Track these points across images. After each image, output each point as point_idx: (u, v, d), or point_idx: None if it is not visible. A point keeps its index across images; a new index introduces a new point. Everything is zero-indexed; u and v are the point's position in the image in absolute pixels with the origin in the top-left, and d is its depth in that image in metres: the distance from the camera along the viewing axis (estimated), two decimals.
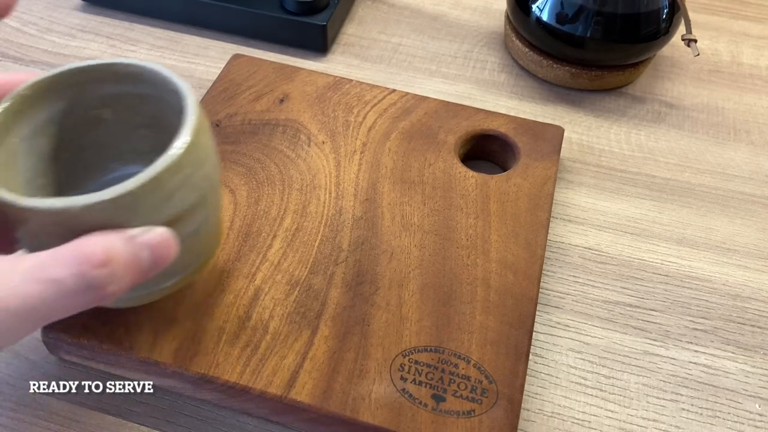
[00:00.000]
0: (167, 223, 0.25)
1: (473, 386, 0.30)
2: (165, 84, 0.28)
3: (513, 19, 0.50)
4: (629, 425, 0.32)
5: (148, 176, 0.23)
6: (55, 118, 0.29)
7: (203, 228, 0.28)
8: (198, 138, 0.25)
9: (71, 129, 0.30)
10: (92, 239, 0.22)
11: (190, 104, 0.26)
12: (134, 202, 0.23)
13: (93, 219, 0.23)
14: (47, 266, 0.21)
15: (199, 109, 0.26)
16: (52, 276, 0.21)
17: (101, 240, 0.22)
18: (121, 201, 0.23)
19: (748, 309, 0.37)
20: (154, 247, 0.24)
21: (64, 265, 0.21)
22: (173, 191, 0.25)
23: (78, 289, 0.22)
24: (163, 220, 0.25)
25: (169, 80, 0.27)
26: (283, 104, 0.42)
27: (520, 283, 0.34)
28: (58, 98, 0.28)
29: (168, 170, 0.24)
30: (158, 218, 0.25)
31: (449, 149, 0.40)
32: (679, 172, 0.44)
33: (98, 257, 0.22)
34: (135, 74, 0.28)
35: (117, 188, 0.23)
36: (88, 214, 0.23)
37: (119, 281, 0.23)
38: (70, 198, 0.22)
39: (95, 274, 0.22)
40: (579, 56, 0.47)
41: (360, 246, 0.35)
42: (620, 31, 0.45)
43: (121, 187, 0.23)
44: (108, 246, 0.22)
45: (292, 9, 0.49)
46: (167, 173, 0.24)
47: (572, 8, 0.45)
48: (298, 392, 0.29)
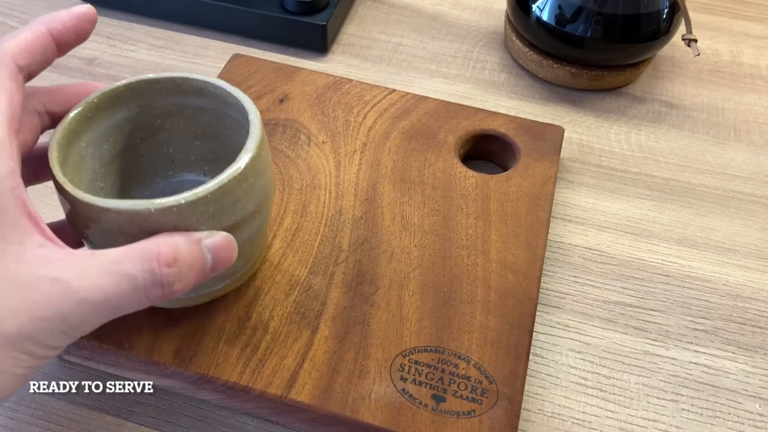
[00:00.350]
0: (228, 228, 0.27)
1: (473, 386, 0.30)
2: (225, 98, 0.30)
3: (513, 19, 0.50)
4: (629, 425, 0.32)
5: (218, 184, 0.25)
6: (119, 125, 0.31)
7: (257, 234, 0.30)
8: (260, 151, 0.27)
9: (133, 135, 0.32)
10: (162, 239, 0.24)
11: (254, 119, 0.28)
12: (204, 206, 0.25)
13: (165, 221, 0.25)
14: (122, 261, 0.23)
15: (261, 124, 0.28)
16: (127, 271, 0.23)
17: (171, 241, 0.24)
18: (192, 205, 0.25)
19: (748, 309, 0.37)
20: (217, 250, 0.26)
21: (137, 262, 0.23)
22: (237, 199, 0.27)
23: (148, 285, 0.23)
24: (226, 225, 0.27)
25: (232, 96, 0.29)
26: (283, 104, 0.42)
27: (520, 283, 0.34)
28: (124, 107, 0.30)
29: (235, 179, 0.26)
30: (222, 223, 0.26)
31: (449, 149, 0.40)
32: (679, 172, 0.44)
33: (167, 257, 0.23)
34: (199, 88, 0.30)
35: (189, 194, 0.25)
36: (162, 216, 0.24)
37: (184, 279, 0.24)
38: (146, 201, 0.24)
39: (164, 272, 0.23)
40: (579, 56, 0.47)
41: (360, 246, 0.35)
42: (620, 31, 0.45)
43: (192, 193, 0.25)
44: (176, 247, 0.24)
45: (292, 9, 0.49)
46: (234, 182, 0.26)
47: (572, 8, 0.45)
48: (298, 392, 0.29)
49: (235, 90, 0.29)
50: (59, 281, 0.22)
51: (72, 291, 0.22)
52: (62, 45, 0.26)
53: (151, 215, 0.24)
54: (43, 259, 0.22)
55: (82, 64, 0.49)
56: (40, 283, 0.22)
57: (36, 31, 0.25)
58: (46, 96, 0.28)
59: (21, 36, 0.25)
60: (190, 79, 0.30)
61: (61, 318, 0.22)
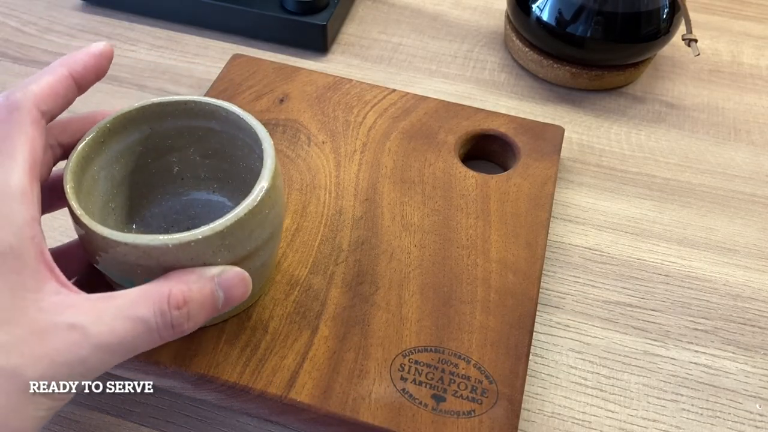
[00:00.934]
0: (244, 257, 0.27)
1: (473, 386, 0.30)
2: (237, 123, 0.30)
3: (513, 19, 0.50)
4: (629, 425, 0.32)
5: (234, 218, 0.26)
6: (131, 147, 0.31)
7: (269, 260, 0.30)
8: (275, 181, 0.28)
9: (144, 156, 0.32)
10: (174, 280, 0.25)
11: (268, 148, 0.28)
12: (220, 240, 0.26)
13: (181, 255, 0.25)
14: (136, 305, 0.24)
15: (274, 153, 0.28)
16: (140, 314, 0.24)
17: (182, 281, 0.25)
18: (208, 240, 0.25)
19: (748, 309, 0.37)
20: (230, 287, 0.26)
21: (150, 305, 0.24)
22: (252, 230, 0.27)
23: (159, 327, 0.24)
24: (241, 255, 0.27)
25: (244, 121, 0.30)
26: (283, 104, 0.42)
27: (521, 283, 0.34)
28: (136, 130, 0.31)
29: (251, 212, 0.26)
30: (238, 254, 0.27)
31: (449, 149, 0.40)
32: (679, 172, 0.44)
33: (177, 299, 0.24)
34: (211, 112, 0.31)
35: (206, 228, 0.25)
36: (178, 250, 0.25)
37: (195, 318, 0.25)
38: (164, 236, 0.25)
39: (174, 314, 0.24)
40: (579, 56, 0.47)
41: (360, 246, 0.35)
42: (620, 30, 0.45)
43: (209, 228, 0.25)
44: (187, 288, 0.25)
45: (292, 9, 0.49)
46: (250, 215, 0.26)
47: (572, 8, 0.45)
48: (297, 392, 0.29)
49: (247, 116, 0.30)
50: (77, 327, 0.23)
51: (89, 336, 0.23)
52: (82, 85, 0.27)
53: (168, 250, 0.25)
54: (61, 305, 0.23)
55: None
56: (59, 329, 0.23)
57: (57, 75, 0.26)
58: (59, 129, 0.28)
59: (43, 80, 0.25)
60: (202, 102, 0.30)
61: (79, 362, 0.23)
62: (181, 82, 0.48)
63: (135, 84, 0.48)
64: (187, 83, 0.48)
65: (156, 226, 0.33)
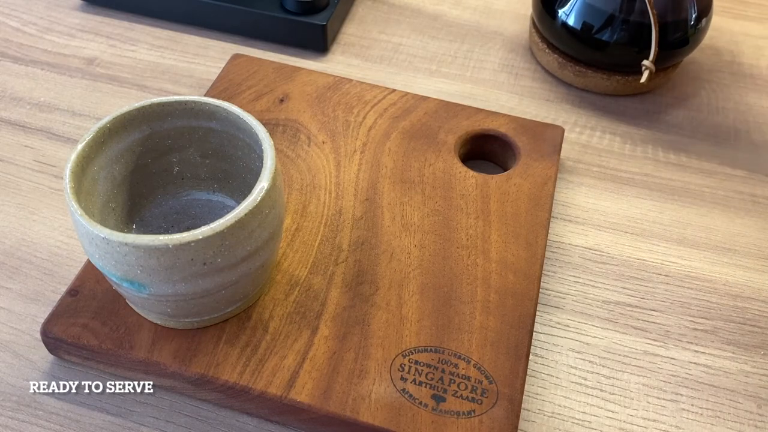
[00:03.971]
0: (244, 257, 0.27)
1: (473, 386, 0.30)
2: (237, 123, 0.30)
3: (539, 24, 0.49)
4: (629, 425, 0.32)
5: (234, 218, 0.26)
6: (131, 147, 0.31)
7: (269, 259, 0.30)
8: (275, 182, 0.28)
9: (144, 156, 0.32)
10: None
11: (268, 149, 0.28)
12: (220, 240, 0.26)
13: (182, 255, 0.26)
14: None
15: (274, 154, 0.28)
16: None
17: None
18: (209, 240, 0.26)
19: (748, 309, 0.37)
20: None
21: None
22: (253, 230, 0.27)
23: None
24: (241, 255, 0.27)
25: (244, 121, 0.30)
26: (283, 104, 0.42)
27: (520, 283, 0.34)
28: (136, 130, 0.31)
29: (251, 212, 0.27)
30: (238, 254, 0.27)
31: (449, 149, 0.40)
32: (679, 172, 0.44)
33: None
34: (211, 112, 0.31)
35: (206, 228, 0.26)
36: (179, 250, 0.25)
37: None
38: (164, 236, 0.25)
39: None
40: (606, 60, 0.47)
41: (360, 246, 0.35)
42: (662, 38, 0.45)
43: (209, 228, 0.26)
44: None
45: (292, 9, 0.49)
46: (250, 215, 0.27)
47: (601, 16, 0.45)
48: (298, 392, 0.29)
49: (247, 116, 0.30)
50: None
51: None
52: None
53: (168, 250, 0.25)
54: None
55: (82, 64, 0.49)
56: None
57: None
58: None
59: None
60: (202, 102, 0.31)
61: None
62: (181, 82, 0.48)
63: (135, 84, 0.48)
64: (187, 83, 0.48)
65: (156, 226, 0.34)
